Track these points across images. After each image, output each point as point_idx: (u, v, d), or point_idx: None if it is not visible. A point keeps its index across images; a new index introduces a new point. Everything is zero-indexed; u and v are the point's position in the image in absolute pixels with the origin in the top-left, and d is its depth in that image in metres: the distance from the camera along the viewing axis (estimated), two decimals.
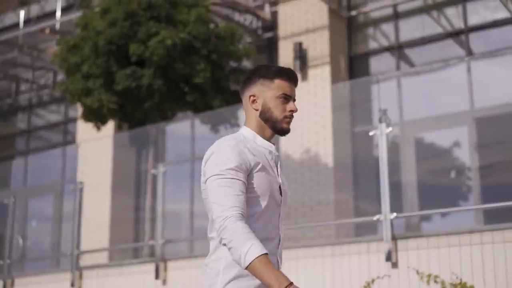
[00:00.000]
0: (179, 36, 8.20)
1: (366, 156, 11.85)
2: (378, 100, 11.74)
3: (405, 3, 11.71)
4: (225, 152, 2.52)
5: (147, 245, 8.06)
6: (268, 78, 2.68)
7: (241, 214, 2.44)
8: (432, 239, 5.95)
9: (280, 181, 2.67)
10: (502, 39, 11.30)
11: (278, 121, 2.67)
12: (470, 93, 10.92)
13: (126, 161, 12.74)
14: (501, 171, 10.82)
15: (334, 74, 11.60)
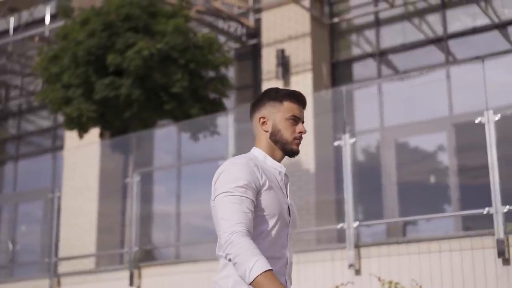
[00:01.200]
0: (156, 47, 8.37)
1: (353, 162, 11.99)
2: (358, 106, 11.92)
3: (386, 11, 11.86)
4: (235, 170, 2.57)
5: (127, 252, 8.21)
6: (278, 100, 2.75)
7: (248, 231, 2.46)
8: (392, 247, 6.11)
9: (289, 202, 2.72)
10: (482, 46, 11.44)
11: (288, 143, 2.72)
12: (449, 99, 11.06)
13: (113, 166, 12.89)
14: (480, 177, 10.96)
15: (316, 80, 11.75)
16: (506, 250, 5.65)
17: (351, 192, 6.51)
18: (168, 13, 9.16)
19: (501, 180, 5.85)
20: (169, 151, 13.43)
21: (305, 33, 11.75)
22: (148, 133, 11.10)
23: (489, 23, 11.21)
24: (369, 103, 11.87)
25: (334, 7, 12.42)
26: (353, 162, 6.88)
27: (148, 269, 7.42)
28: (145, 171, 11.70)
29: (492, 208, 5.76)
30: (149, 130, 10.79)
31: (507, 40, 11.24)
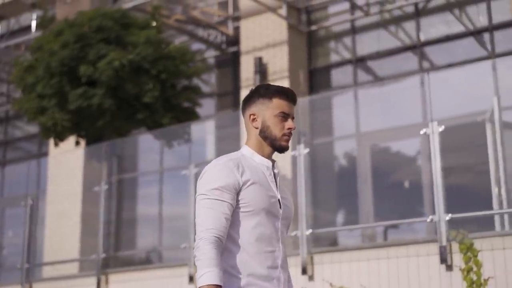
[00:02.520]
0: (127, 58, 8.59)
1: (325, 168, 12.23)
2: (335, 112, 12.14)
3: (362, 18, 12.07)
4: (213, 172, 2.65)
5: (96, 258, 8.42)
6: (267, 97, 2.79)
7: (216, 237, 2.56)
8: (345, 253, 6.32)
9: (278, 196, 2.74)
10: (456, 52, 11.65)
11: (277, 139, 2.77)
12: (424, 105, 11.27)
13: (96, 172, 13.10)
14: (456, 182, 11.18)
15: (293, 87, 11.95)
16: (448, 256, 5.86)
17: (304, 200, 6.72)
18: (141, 24, 9.39)
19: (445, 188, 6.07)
20: (152, 157, 13.65)
21: (282, 41, 11.97)
22: (133, 139, 11.36)
23: (464, 30, 11.41)
24: (346, 109, 12.09)
25: (311, 15, 12.64)
26: (311, 170, 7.07)
27: (115, 275, 7.64)
28: (123, 177, 11.96)
29: (435, 216, 5.97)
30: (134, 137, 11.06)
31: (483, 47, 11.44)
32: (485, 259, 5.75)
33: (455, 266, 5.86)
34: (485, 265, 5.73)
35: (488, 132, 9.55)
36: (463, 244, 5.83)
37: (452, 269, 5.87)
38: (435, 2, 11.63)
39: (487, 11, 11.11)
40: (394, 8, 11.80)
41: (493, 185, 9.25)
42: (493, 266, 5.71)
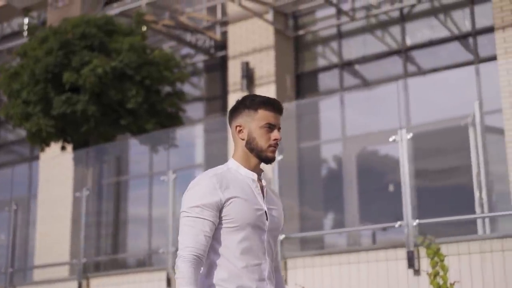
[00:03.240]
0: (110, 65, 8.73)
1: (312, 171, 12.37)
2: (322, 117, 12.28)
3: (349, 23, 12.19)
4: (196, 189, 2.68)
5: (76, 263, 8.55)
6: (253, 108, 2.80)
7: (194, 255, 2.61)
8: (316, 258, 6.45)
9: (265, 207, 2.75)
10: (442, 57, 11.76)
11: (263, 150, 2.77)
12: (407, 110, 11.39)
13: (88, 176, 13.23)
14: (435, 186, 11.32)
15: (280, 92, 12.09)
16: (416, 261, 5.99)
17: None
18: (125, 30, 9.52)
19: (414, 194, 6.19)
20: (143, 160, 13.78)
21: (269, 46, 12.09)
22: (124, 143, 11.50)
23: (449, 35, 11.53)
24: (332, 113, 12.22)
25: (298, 20, 12.77)
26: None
27: (96, 279, 7.77)
28: (111, 181, 12.09)
29: (403, 221, 6.10)
30: (121, 142, 11.19)
31: (468, 51, 11.55)
32: (452, 263, 5.87)
33: (423, 270, 5.98)
34: (451, 270, 5.85)
35: (471, 136, 9.68)
36: (430, 249, 5.95)
37: (420, 274, 5.99)
38: (420, 7, 11.75)
39: (470, 16, 11.23)
40: (380, 13, 11.91)
41: (475, 189, 9.39)
42: (459, 271, 5.84)
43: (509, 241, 5.70)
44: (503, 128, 9.99)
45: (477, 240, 5.85)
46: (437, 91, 11.00)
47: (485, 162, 9.47)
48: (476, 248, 5.82)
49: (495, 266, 5.70)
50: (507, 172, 9.64)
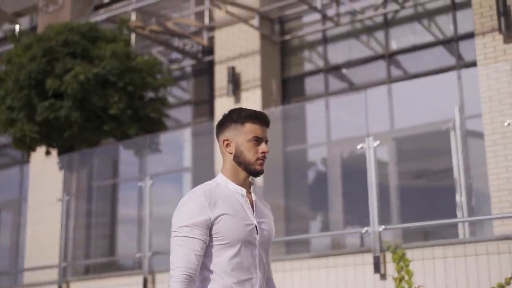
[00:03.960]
0: (92, 71, 8.88)
1: (298, 175, 12.51)
2: (308, 121, 12.42)
3: (334, 29, 12.33)
4: (186, 208, 2.71)
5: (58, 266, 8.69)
6: (240, 122, 2.82)
7: (186, 275, 2.63)
8: (278, 263, 6.59)
9: (255, 222, 2.78)
10: (426, 61, 11.89)
11: (251, 163, 2.79)
12: (390, 114, 11.52)
13: (73, 180, 13.36)
14: (418, 189, 11.45)
15: (266, 96, 12.23)
16: (382, 266, 6.13)
17: None
18: (109, 37, 9.67)
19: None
20: (133, 164, 13.93)
21: (255, 51, 12.23)
22: (114, 147, 11.63)
23: (433, 40, 11.65)
24: (318, 117, 12.36)
25: (284, 26, 12.91)
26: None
27: (76, 283, 7.92)
28: (101, 185, 12.23)
29: (370, 227, 6.24)
30: (107, 146, 11.33)
31: (453, 56, 11.67)
32: (416, 268, 6.01)
33: (389, 275, 6.12)
34: (416, 274, 5.99)
35: (452, 140, 9.82)
36: (395, 254, 6.09)
37: (386, 278, 6.13)
38: (404, 12, 11.88)
39: (452, 22, 11.36)
40: (365, 18, 12.05)
41: (457, 193, 9.53)
42: (423, 275, 5.98)
43: (470, 247, 5.84)
44: (483, 132, 10.12)
45: (440, 245, 5.98)
46: (420, 95, 11.13)
47: (465, 166, 9.61)
48: (439, 253, 5.96)
49: (457, 270, 5.83)
50: (486, 176, 9.77)
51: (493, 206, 9.66)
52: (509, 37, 9.98)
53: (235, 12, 12.18)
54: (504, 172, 9.57)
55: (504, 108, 9.67)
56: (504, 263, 5.67)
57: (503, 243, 5.74)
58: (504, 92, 9.69)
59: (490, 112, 9.79)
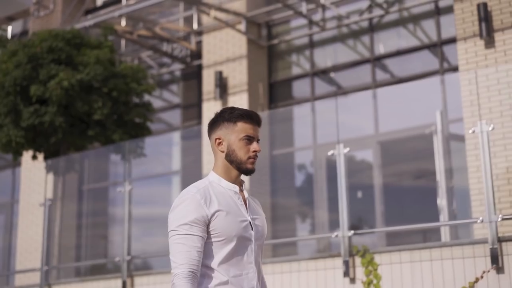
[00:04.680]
0: (76, 77, 9.03)
1: (284, 178, 12.64)
2: (296, 123, 12.56)
3: (320, 33, 12.46)
4: (182, 207, 2.74)
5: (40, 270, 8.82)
6: (232, 121, 2.86)
7: (189, 271, 2.66)
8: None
9: (249, 218, 2.84)
10: (411, 65, 12.01)
11: (243, 162, 2.84)
12: (375, 118, 11.65)
13: (65, 183, 13.50)
14: (403, 192, 11.58)
15: (253, 100, 12.36)
16: (351, 270, 6.26)
17: None
18: (93, 43, 9.82)
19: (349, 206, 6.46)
20: (121, 167, 14.08)
21: (242, 55, 12.37)
22: (102, 151, 11.78)
23: (418, 44, 11.78)
24: (305, 121, 12.50)
25: (272, 30, 13.05)
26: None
27: (57, 286, 8.05)
28: (91, 187, 12.37)
29: (339, 232, 6.37)
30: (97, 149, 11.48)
31: (436, 60, 11.78)
32: (384, 272, 6.14)
33: (358, 279, 6.25)
34: (384, 278, 6.12)
35: (435, 144, 9.95)
36: (364, 259, 6.22)
37: (355, 282, 6.26)
38: (389, 17, 12.00)
39: (436, 26, 11.49)
40: (350, 23, 12.18)
41: (438, 196, 9.66)
42: (391, 279, 6.11)
43: (436, 251, 5.96)
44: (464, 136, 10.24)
45: (407, 250, 6.11)
46: (405, 99, 11.26)
47: (446, 170, 9.74)
48: (407, 257, 6.08)
49: (424, 275, 5.96)
50: (468, 179, 9.89)
51: (474, 209, 9.77)
52: (490, 43, 10.11)
53: (222, 17, 12.31)
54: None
55: (484, 113, 9.79)
56: (469, 267, 5.80)
57: (468, 247, 5.87)
58: (484, 97, 9.81)
59: (471, 117, 9.90)
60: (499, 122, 9.66)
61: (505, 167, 9.49)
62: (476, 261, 5.77)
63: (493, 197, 5.92)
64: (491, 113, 9.81)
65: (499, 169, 9.56)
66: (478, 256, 5.77)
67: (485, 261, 5.72)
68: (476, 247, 5.81)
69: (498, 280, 5.65)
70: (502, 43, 10.11)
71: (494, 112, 9.79)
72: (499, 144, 9.63)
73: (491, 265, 5.65)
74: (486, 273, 5.69)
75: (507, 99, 9.66)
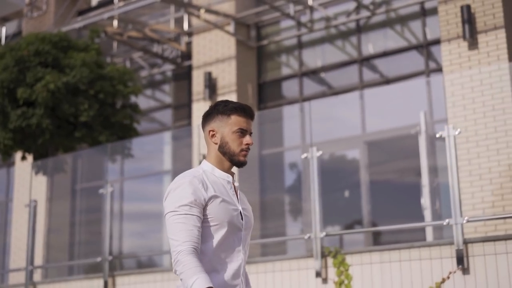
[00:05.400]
0: (62, 80, 9.18)
1: (273, 179, 12.79)
2: (286, 123, 12.70)
3: (309, 34, 12.59)
4: (180, 190, 2.78)
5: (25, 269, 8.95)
6: (226, 114, 2.92)
7: (193, 248, 2.70)
8: None
9: (240, 208, 2.91)
10: (399, 66, 12.14)
11: (235, 154, 2.90)
12: (362, 118, 11.78)
13: (61, 182, 13.66)
14: (389, 191, 11.71)
15: (241, 100, 12.50)
16: (323, 271, 6.41)
17: None
18: (81, 46, 9.98)
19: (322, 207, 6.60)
20: (115, 167, 14.24)
21: (231, 56, 12.51)
22: (94, 150, 11.95)
23: (405, 45, 11.89)
24: (294, 121, 12.64)
25: (261, 31, 13.18)
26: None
27: (42, 285, 8.21)
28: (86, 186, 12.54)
29: (312, 233, 6.52)
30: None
31: (422, 61, 11.89)
32: (355, 273, 6.28)
33: (330, 279, 6.39)
34: (355, 278, 6.26)
35: (420, 144, 10.07)
36: (336, 260, 6.37)
37: (327, 282, 6.40)
38: (376, 18, 12.12)
39: (422, 28, 11.61)
40: (338, 24, 12.30)
41: (422, 196, 9.78)
42: (362, 279, 6.25)
43: (405, 252, 6.10)
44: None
45: (378, 251, 6.25)
46: (392, 99, 11.38)
47: (429, 170, 9.86)
48: (377, 258, 6.22)
49: (393, 275, 6.10)
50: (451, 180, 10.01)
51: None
52: (473, 44, 10.22)
53: (211, 19, 12.45)
54: (467, 176, 9.80)
55: (467, 114, 9.91)
56: (436, 268, 5.94)
57: (435, 249, 6.00)
58: (467, 98, 9.92)
59: (454, 117, 10.03)
60: (482, 123, 9.79)
61: (488, 167, 9.60)
62: (443, 262, 5.90)
63: (459, 199, 6.05)
64: (475, 113, 9.93)
65: (483, 169, 9.67)
66: (445, 257, 5.91)
67: (451, 262, 5.86)
68: (443, 249, 5.95)
69: (464, 280, 5.78)
70: (485, 45, 10.22)
71: (478, 113, 9.91)
72: (482, 145, 9.76)
73: (457, 266, 5.79)
74: (452, 273, 5.83)
75: (489, 100, 9.77)
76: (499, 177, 9.53)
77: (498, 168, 9.55)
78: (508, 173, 9.51)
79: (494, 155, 9.60)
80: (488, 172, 9.59)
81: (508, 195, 9.45)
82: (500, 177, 9.54)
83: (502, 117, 9.59)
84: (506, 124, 9.65)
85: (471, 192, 9.78)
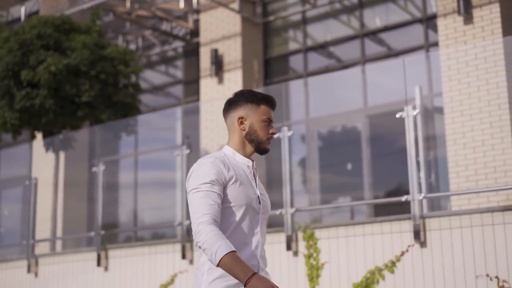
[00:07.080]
0: (63, 62, 9.62)
1: (276, 158, 13.10)
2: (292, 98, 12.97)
3: (312, 10, 12.79)
4: (202, 169, 2.89)
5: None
6: (255, 103, 3.03)
7: (213, 219, 2.78)
8: None
9: (258, 193, 3.01)
10: (399, 41, 12.27)
11: (262, 142, 3.02)
12: (364, 93, 11.98)
13: (77, 157, 14.15)
14: (390, 165, 11.94)
15: (247, 77, 12.79)
16: (294, 244, 6.74)
17: (180, 197, 7.62)
18: (83, 28, 10.39)
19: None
20: (129, 142, 14.69)
21: (237, 33, 12.79)
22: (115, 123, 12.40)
23: (409, 18, 12.01)
24: (298, 96, 12.90)
25: (268, 7, 13.41)
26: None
27: (43, 258, 8.70)
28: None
29: (283, 209, 6.85)
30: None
31: (424, 35, 12.00)
32: (323, 246, 6.60)
33: (300, 252, 6.73)
34: (322, 252, 6.59)
35: (418, 120, 10.23)
36: (305, 234, 6.69)
37: (298, 255, 6.74)
38: None
39: (422, 2, 11.71)
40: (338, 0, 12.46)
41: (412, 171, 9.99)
42: (329, 253, 6.56)
43: (368, 227, 6.39)
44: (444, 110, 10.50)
45: (343, 225, 6.55)
46: (393, 74, 11.55)
47: (425, 144, 10.05)
48: (342, 232, 6.53)
49: (357, 248, 6.40)
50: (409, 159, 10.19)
51: (452, 181, 10.08)
52: (468, 19, 10.32)
53: None
54: (462, 149, 9.97)
55: (462, 87, 10.05)
56: (396, 241, 6.22)
57: (395, 223, 6.28)
58: (462, 72, 10.06)
59: (450, 91, 10.17)
60: (476, 97, 9.93)
61: (481, 140, 9.74)
62: (402, 236, 6.18)
63: (418, 176, 6.29)
64: (469, 87, 10.06)
65: (476, 142, 9.82)
66: (405, 231, 6.18)
67: (410, 236, 6.14)
68: (402, 223, 6.22)
69: (422, 253, 6.06)
70: (480, 19, 10.31)
71: (472, 87, 10.04)
72: (476, 118, 9.92)
73: (414, 240, 6.07)
74: (411, 247, 6.10)
75: (483, 74, 9.89)
76: (492, 150, 9.67)
77: (491, 141, 9.69)
78: (501, 146, 9.64)
79: (487, 128, 9.74)
80: (482, 145, 9.74)
81: (501, 167, 9.61)
82: (493, 149, 9.68)
83: (496, 90, 9.70)
84: (500, 98, 9.76)
85: (465, 165, 9.95)
